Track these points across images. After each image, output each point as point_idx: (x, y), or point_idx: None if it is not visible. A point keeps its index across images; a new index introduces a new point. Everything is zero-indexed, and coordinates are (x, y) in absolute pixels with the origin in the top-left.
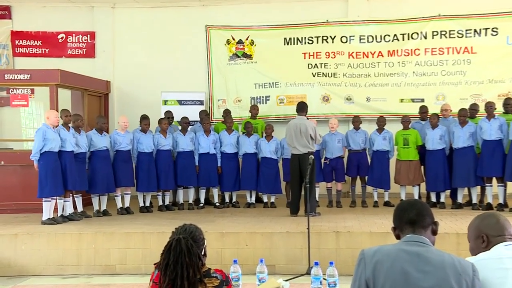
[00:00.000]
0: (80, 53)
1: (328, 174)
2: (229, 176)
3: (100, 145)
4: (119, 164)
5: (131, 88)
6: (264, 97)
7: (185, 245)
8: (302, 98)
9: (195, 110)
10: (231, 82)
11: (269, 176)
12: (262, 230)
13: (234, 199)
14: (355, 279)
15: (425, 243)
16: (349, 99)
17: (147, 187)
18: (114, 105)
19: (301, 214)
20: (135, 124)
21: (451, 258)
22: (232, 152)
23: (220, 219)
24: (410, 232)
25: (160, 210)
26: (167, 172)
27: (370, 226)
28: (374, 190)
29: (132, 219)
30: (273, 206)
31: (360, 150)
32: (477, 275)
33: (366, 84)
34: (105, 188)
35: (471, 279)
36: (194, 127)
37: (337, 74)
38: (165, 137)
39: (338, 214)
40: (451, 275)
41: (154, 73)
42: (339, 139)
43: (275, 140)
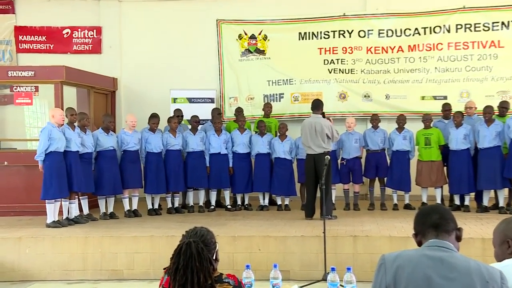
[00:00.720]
0: (86, 49)
1: (345, 176)
2: (241, 178)
3: (107, 145)
4: (126, 164)
5: (139, 85)
6: (277, 95)
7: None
8: (317, 95)
9: (205, 108)
10: (243, 79)
11: (283, 177)
12: (275, 234)
13: (247, 201)
14: (374, 285)
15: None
16: (367, 96)
17: (155, 189)
18: (121, 103)
19: (317, 217)
20: (143, 123)
21: (477, 265)
22: (244, 152)
23: (232, 222)
24: (433, 236)
25: (169, 212)
26: (177, 173)
27: (390, 230)
28: (394, 192)
29: (140, 222)
30: (287, 208)
31: (379, 150)
32: (506, 283)
33: (385, 80)
34: (112, 190)
35: (499, 286)
36: (205, 126)
37: (355, 70)
38: (174, 137)
39: (355, 218)
40: (477, 282)
41: (163, 70)
42: (357, 139)
43: (289, 140)
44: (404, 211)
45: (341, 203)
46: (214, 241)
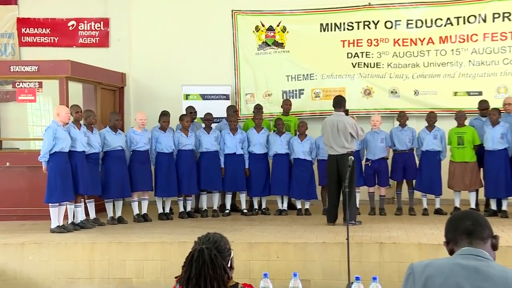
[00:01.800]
0: (93, 42)
1: (370, 178)
2: (258, 180)
3: (115, 144)
4: (135, 165)
5: (149, 81)
6: (297, 91)
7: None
8: (340, 91)
9: (220, 105)
10: (260, 74)
11: (302, 179)
12: (295, 240)
13: (264, 205)
14: None
15: (484, 257)
16: (394, 92)
17: (167, 192)
18: (130, 100)
19: (340, 223)
20: (153, 121)
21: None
22: (262, 152)
23: (248, 228)
24: (466, 244)
25: (181, 217)
26: (189, 175)
27: (419, 237)
28: (423, 196)
29: (150, 227)
30: (308, 213)
31: (407, 150)
32: None
33: (414, 75)
34: (120, 193)
35: None
36: (219, 125)
37: (381, 64)
38: (186, 136)
39: (381, 223)
40: None
41: (174, 64)
42: (383, 138)
43: (309, 139)
44: (435, 216)
45: (366, 208)
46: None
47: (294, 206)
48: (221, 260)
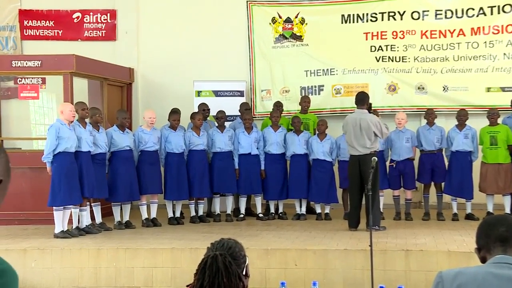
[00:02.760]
0: (99, 35)
1: (395, 180)
2: (275, 182)
3: (122, 144)
4: (144, 167)
5: (158, 76)
6: (316, 87)
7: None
8: (363, 87)
9: (234, 102)
10: (277, 69)
11: (322, 182)
12: (314, 247)
13: (281, 209)
14: None
15: None
16: (422, 88)
17: (177, 195)
18: (138, 97)
19: (362, 228)
20: (163, 120)
21: None
22: (279, 153)
23: (264, 233)
24: (500, 252)
25: (193, 222)
26: (201, 177)
27: (448, 243)
28: (453, 200)
29: (160, 232)
30: (328, 218)
31: (435, 151)
32: None
33: (443, 69)
34: (128, 196)
35: None
36: (234, 123)
37: (407, 58)
38: (198, 135)
39: (407, 229)
40: None
41: (185, 59)
42: (408, 138)
43: (329, 139)
44: (466, 222)
45: (391, 212)
46: (243, 254)
47: (313, 211)
48: (235, 268)
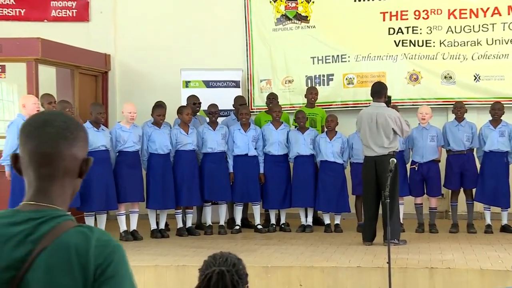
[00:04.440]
0: (69, 15)
1: (417, 186)
2: (276, 188)
3: (97, 144)
4: (123, 170)
5: (139, 64)
6: (325, 76)
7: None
8: (380, 77)
9: (228, 94)
10: (279, 56)
11: (332, 187)
12: (322, 264)
13: (283, 220)
14: None
15: None
16: (449, 77)
17: (162, 203)
18: (116, 88)
19: (379, 242)
20: (145, 115)
21: None
22: (280, 153)
23: (264, 248)
24: None
25: (180, 234)
26: (190, 182)
27: (481, 260)
28: (486, 209)
29: (141, 247)
30: (338, 230)
31: (465, 151)
32: None
33: (474, 55)
34: (104, 205)
35: None
36: (227, 120)
37: (431, 42)
38: (187, 133)
39: (432, 243)
40: None
41: (171, 44)
42: (433, 136)
43: (340, 137)
44: (501, 234)
45: (412, 223)
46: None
47: (321, 221)
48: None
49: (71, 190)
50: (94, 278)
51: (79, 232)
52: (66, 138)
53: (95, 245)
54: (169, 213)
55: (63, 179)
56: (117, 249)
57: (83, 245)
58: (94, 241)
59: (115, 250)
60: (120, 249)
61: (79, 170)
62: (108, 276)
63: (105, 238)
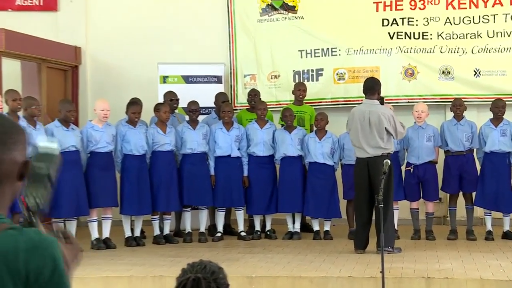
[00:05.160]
0: (36, 3)
1: (412, 189)
2: (261, 192)
3: (66, 144)
4: (95, 173)
5: (113, 58)
6: (314, 71)
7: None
8: (373, 72)
9: (209, 90)
10: (264, 49)
11: (321, 191)
12: (311, 274)
13: (269, 226)
14: None
15: None
16: (447, 72)
17: (137, 208)
18: (87, 83)
19: (372, 250)
20: (119, 113)
21: None
22: (266, 154)
23: (248, 257)
24: None
25: (157, 242)
26: (168, 185)
27: (482, 269)
28: (487, 214)
29: (114, 256)
30: (328, 237)
31: (464, 152)
32: None
33: (474, 49)
34: (74, 210)
35: None
36: (208, 118)
37: (428, 35)
38: (164, 133)
39: (429, 251)
40: None
41: (148, 36)
42: (430, 136)
43: (330, 137)
44: (503, 242)
45: (408, 230)
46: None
47: (310, 228)
48: None
49: (10, 194)
50: (27, 284)
51: (7, 236)
52: (5, 143)
53: (25, 248)
54: (145, 219)
55: (1, 183)
56: (50, 249)
57: (11, 250)
58: (23, 244)
59: (47, 251)
60: (52, 249)
61: (19, 173)
62: (42, 281)
63: (37, 239)
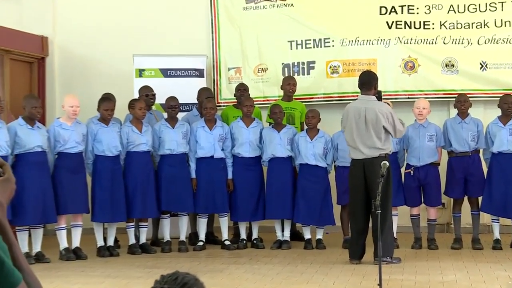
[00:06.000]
0: None
1: (413, 194)
2: (247, 196)
3: (31, 144)
4: (63, 176)
5: (83, 49)
6: (305, 64)
7: None
8: (370, 65)
9: (190, 85)
10: (251, 39)
11: (313, 196)
12: (302, 286)
13: (255, 234)
14: None
15: None
16: (451, 66)
17: (110, 215)
18: (55, 77)
19: (368, 261)
20: (90, 110)
21: None
22: (252, 156)
23: (233, 268)
24: None
25: (132, 252)
26: (144, 189)
27: (488, 281)
28: (495, 221)
29: (86, 267)
30: (321, 246)
31: (469, 152)
32: None
33: (481, 40)
34: (40, 217)
35: None
36: (189, 115)
37: (430, 24)
38: (140, 131)
39: (431, 261)
40: None
41: (122, 25)
42: (432, 135)
43: (323, 137)
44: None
45: (408, 238)
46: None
47: (301, 236)
48: None
49: None
50: None
51: None
52: None
53: None
54: (119, 227)
55: None
56: None
57: None
58: None
59: None
60: None
61: None
62: None
63: None
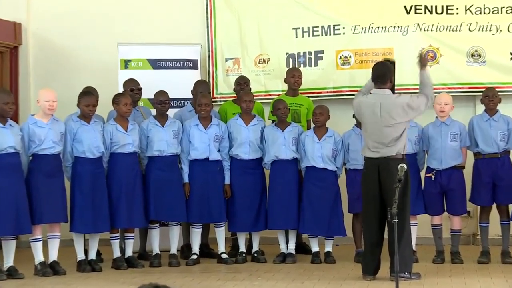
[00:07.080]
0: None
1: (434, 201)
2: (247, 204)
3: (3, 144)
4: (39, 180)
5: (61, 37)
6: (312, 54)
7: None
8: (385, 55)
9: (182, 78)
10: (251, 27)
11: (321, 203)
12: None
13: (256, 247)
14: None
15: None
16: (477, 56)
17: (92, 225)
18: (29, 68)
19: (384, 276)
20: (69, 105)
21: None
22: (252, 157)
23: (230, 285)
24: None
25: (117, 267)
26: (130, 196)
27: None
28: None
29: (64, 283)
30: (330, 260)
31: (498, 154)
32: None
33: (511, 27)
34: (12, 227)
35: None
36: (182, 112)
37: (454, 8)
38: (126, 130)
39: (455, 277)
40: None
41: (105, 10)
42: (456, 134)
43: (332, 136)
44: None
45: (429, 251)
46: None
47: (307, 249)
48: None
49: None
50: None
51: None
52: None
53: None
54: (102, 238)
55: None
56: None
57: None
58: None
59: None
60: None
61: None
62: None
63: None
